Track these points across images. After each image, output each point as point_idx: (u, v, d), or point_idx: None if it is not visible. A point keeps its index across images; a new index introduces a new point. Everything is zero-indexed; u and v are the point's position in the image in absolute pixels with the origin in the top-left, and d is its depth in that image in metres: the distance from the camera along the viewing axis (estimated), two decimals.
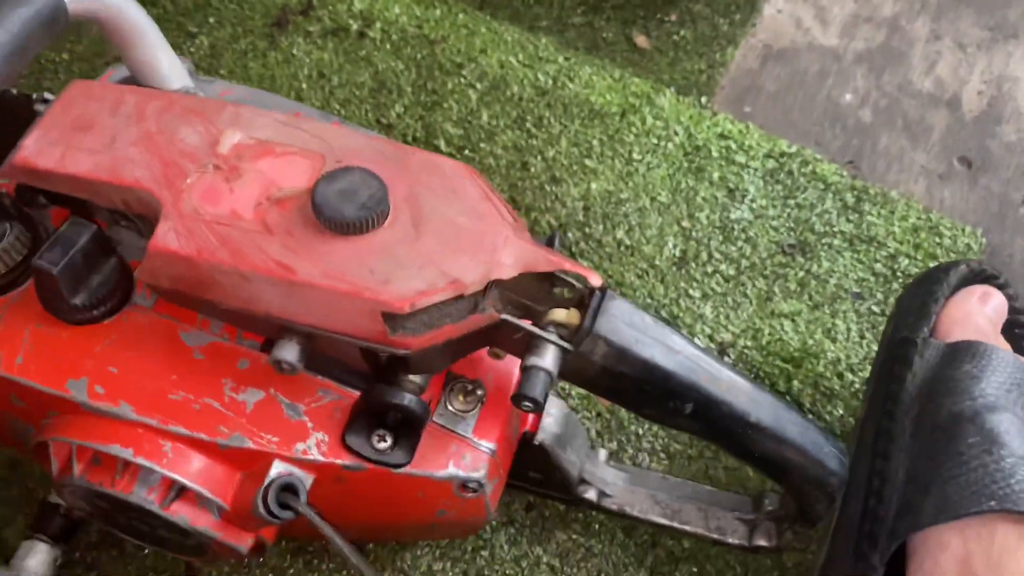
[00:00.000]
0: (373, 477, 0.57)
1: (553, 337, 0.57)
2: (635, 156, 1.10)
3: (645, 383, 0.60)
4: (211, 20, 1.22)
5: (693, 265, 1.01)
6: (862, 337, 0.97)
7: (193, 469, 0.55)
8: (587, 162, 1.09)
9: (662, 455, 0.89)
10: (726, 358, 0.95)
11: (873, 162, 1.13)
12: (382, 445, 0.57)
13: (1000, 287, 0.78)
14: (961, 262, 0.79)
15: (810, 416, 0.91)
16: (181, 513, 0.56)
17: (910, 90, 1.19)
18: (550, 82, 1.17)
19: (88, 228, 0.55)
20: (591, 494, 0.77)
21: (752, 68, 1.21)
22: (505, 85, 1.16)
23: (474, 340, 0.58)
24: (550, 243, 0.63)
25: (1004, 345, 0.74)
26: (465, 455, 0.59)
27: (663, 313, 0.98)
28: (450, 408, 0.61)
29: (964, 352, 0.70)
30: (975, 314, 0.74)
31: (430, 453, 0.58)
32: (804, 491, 0.68)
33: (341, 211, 0.53)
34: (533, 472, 0.74)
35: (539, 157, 1.10)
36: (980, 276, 0.78)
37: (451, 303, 0.55)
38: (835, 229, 1.05)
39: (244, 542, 0.59)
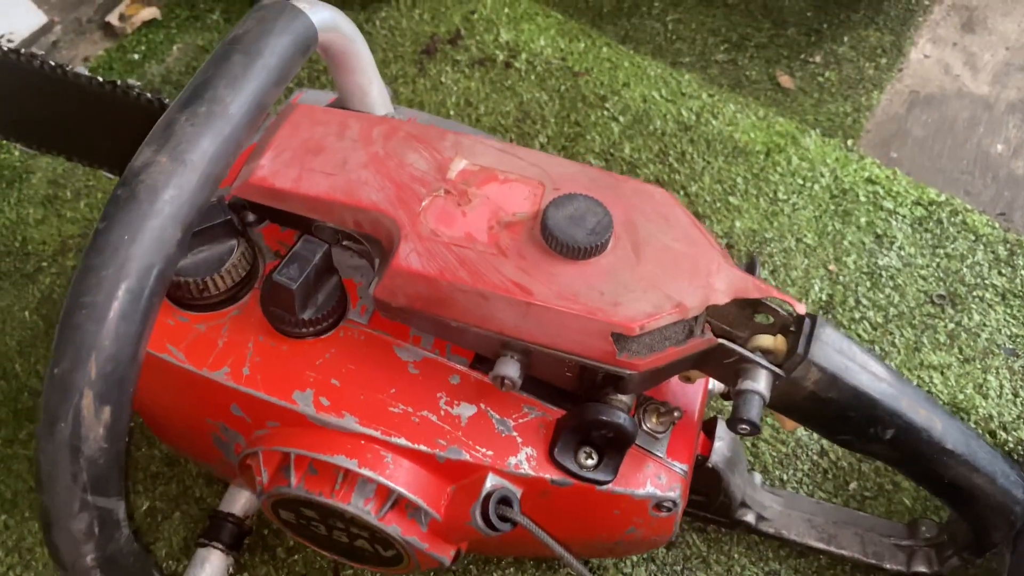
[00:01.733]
0: (576, 493, 0.58)
1: (765, 362, 0.58)
2: (780, 196, 1.10)
3: (851, 409, 0.61)
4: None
5: (840, 310, 1.00)
6: (1015, 395, 0.94)
7: (412, 480, 0.57)
8: (731, 199, 1.10)
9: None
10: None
11: None
12: (588, 462, 0.58)
13: None
14: None
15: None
16: (394, 523, 0.58)
17: None
18: (693, 118, 1.18)
19: (320, 247, 0.58)
20: (750, 517, 0.78)
21: (898, 113, 1.20)
22: (648, 119, 1.18)
23: (684, 363, 0.59)
24: (751, 269, 0.64)
25: None
26: (661, 475, 0.60)
27: None
28: (645, 428, 0.63)
29: None
30: None
31: (629, 472, 0.59)
32: (986, 518, 0.68)
33: (572, 236, 0.55)
34: (697, 495, 0.75)
35: (682, 192, 1.11)
36: None
37: (671, 326, 0.56)
38: (987, 282, 1.03)
39: (447, 552, 0.61)
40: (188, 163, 0.49)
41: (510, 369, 0.56)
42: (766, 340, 0.60)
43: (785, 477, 0.89)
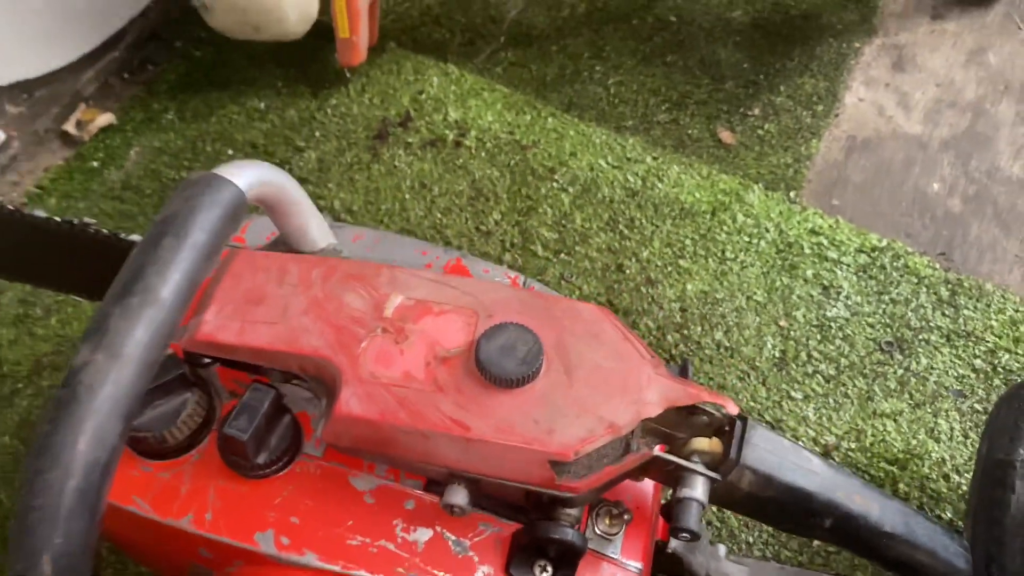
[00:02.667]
0: None
1: (702, 469, 0.61)
2: (728, 255, 1.13)
3: (788, 505, 0.64)
4: (317, 134, 1.30)
5: (793, 366, 1.04)
6: (966, 436, 0.98)
7: None
8: (681, 262, 1.13)
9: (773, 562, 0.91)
10: (831, 462, 0.97)
11: (965, 252, 1.14)
12: (544, 575, 0.61)
13: None
14: None
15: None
16: None
17: (999, 176, 1.21)
18: (639, 183, 1.22)
19: (268, 393, 0.61)
20: None
21: (837, 160, 1.24)
22: (596, 187, 1.22)
23: (625, 476, 0.63)
24: (683, 372, 0.67)
25: None
26: (616, 573, 0.63)
27: (767, 416, 1.01)
28: (597, 531, 0.66)
29: None
30: None
31: None
32: None
33: (504, 368, 0.58)
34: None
35: (633, 259, 1.15)
36: None
37: (607, 445, 0.60)
38: (931, 324, 1.07)
39: None
40: (124, 357, 0.52)
41: (459, 497, 0.59)
42: (702, 443, 0.64)
43: (751, 539, 0.92)
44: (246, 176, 0.66)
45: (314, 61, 1.38)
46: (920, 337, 1.05)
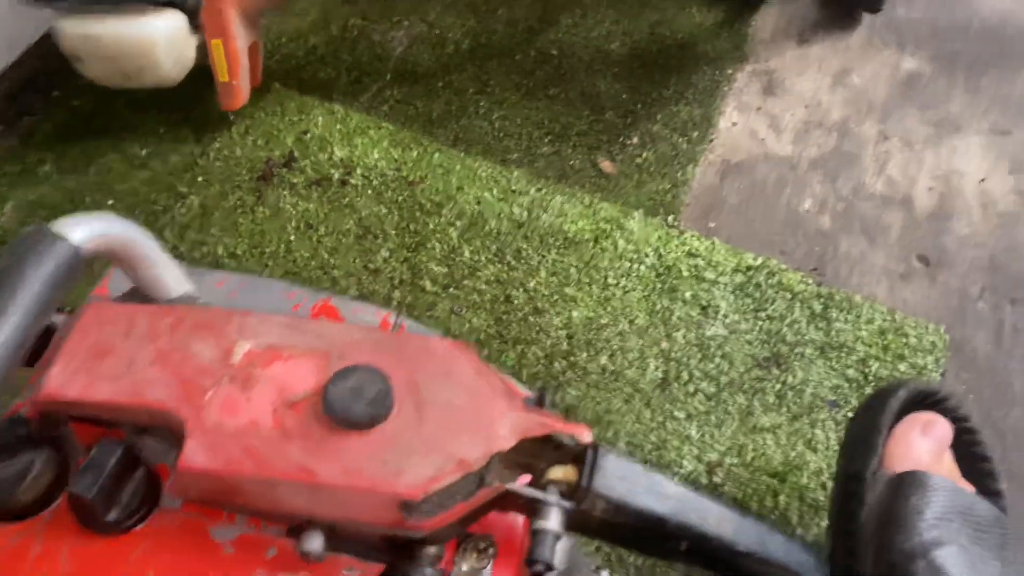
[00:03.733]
0: None
1: (555, 499, 0.62)
2: (611, 281, 1.16)
3: (642, 530, 0.65)
4: (200, 179, 1.29)
5: (675, 386, 1.06)
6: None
7: None
8: (566, 290, 1.15)
9: None
10: (715, 477, 0.99)
11: (836, 267, 1.19)
12: None
13: (944, 404, 0.83)
14: (902, 385, 0.83)
15: (798, 532, 0.95)
16: None
17: (864, 193, 1.27)
18: (525, 214, 1.24)
19: (116, 448, 0.60)
20: None
21: (713, 183, 1.29)
22: (483, 220, 1.23)
23: (483, 509, 0.63)
24: (540, 402, 0.69)
25: (944, 469, 0.79)
26: None
27: (652, 437, 1.03)
28: (464, 568, 0.65)
29: (908, 485, 0.74)
30: (916, 447, 0.79)
31: None
32: None
33: (352, 411, 0.58)
34: None
35: (521, 289, 1.16)
36: (923, 398, 0.83)
37: (458, 482, 0.60)
38: (806, 338, 1.11)
39: None
40: None
41: (314, 543, 0.59)
42: (558, 472, 0.64)
43: (639, 563, 0.94)
44: (81, 230, 0.65)
45: (196, 104, 1.37)
46: (796, 351, 1.09)
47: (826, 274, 1.19)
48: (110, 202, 1.27)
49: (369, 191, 1.27)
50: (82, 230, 0.65)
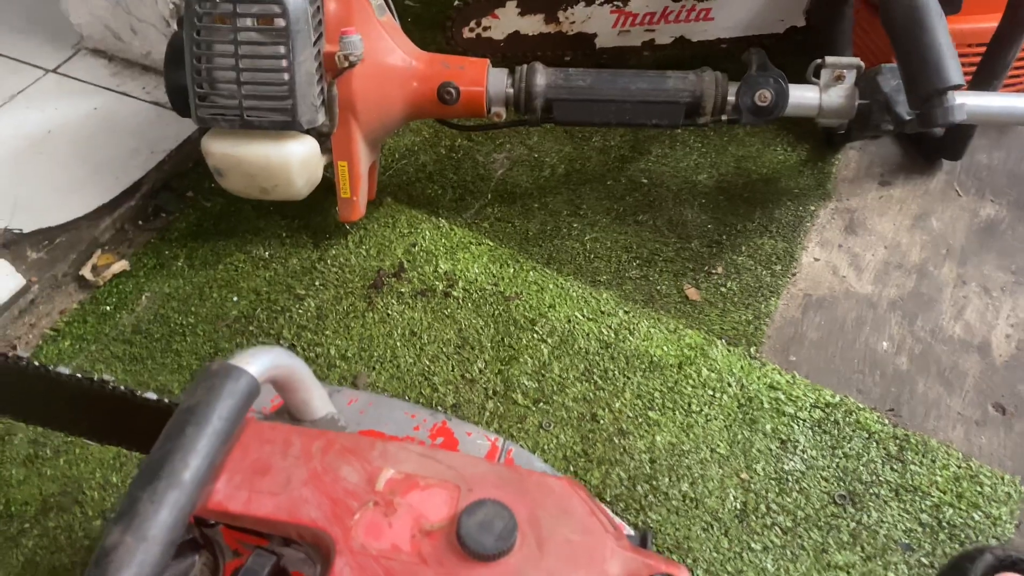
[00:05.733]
0: None
1: None
2: (694, 408, 1.23)
3: None
4: (317, 283, 1.41)
5: (753, 518, 1.11)
6: None
7: None
8: (650, 414, 1.22)
9: None
10: None
11: (912, 408, 1.24)
12: None
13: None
14: (986, 550, 0.88)
15: None
16: None
17: (942, 336, 1.32)
18: (612, 335, 1.32)
19: (269, 560, 0.69)
20: None
21: (795, 317, 1.35)
22: (572, 339, 1.32)
23: None
24: (643, 543, 0.75)
25: None
26: None
27: (728, 567, 1.08)
28: None
29: None
30: None
31: None
32: None
33: (482, 543, 0.65)
34: None
35: (606, 409, 1.24)
36: (1005, 564, 0.87)
37: None
38: (881, 479, 1.15)
39: None
40: (150, 539, 0.60)
41: None
42: None
43: None
44: (259, 363, 0.76)
45: (316, 213, 1.51)
46: (871, 491, 1.14)
47: (902, 415, 1.23)
48: (234, 298, 1.40)
49: (469, 303, 1.37)
50: (259, 364, 0.76)
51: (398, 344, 1.32)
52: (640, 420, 1.22)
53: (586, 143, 1.64)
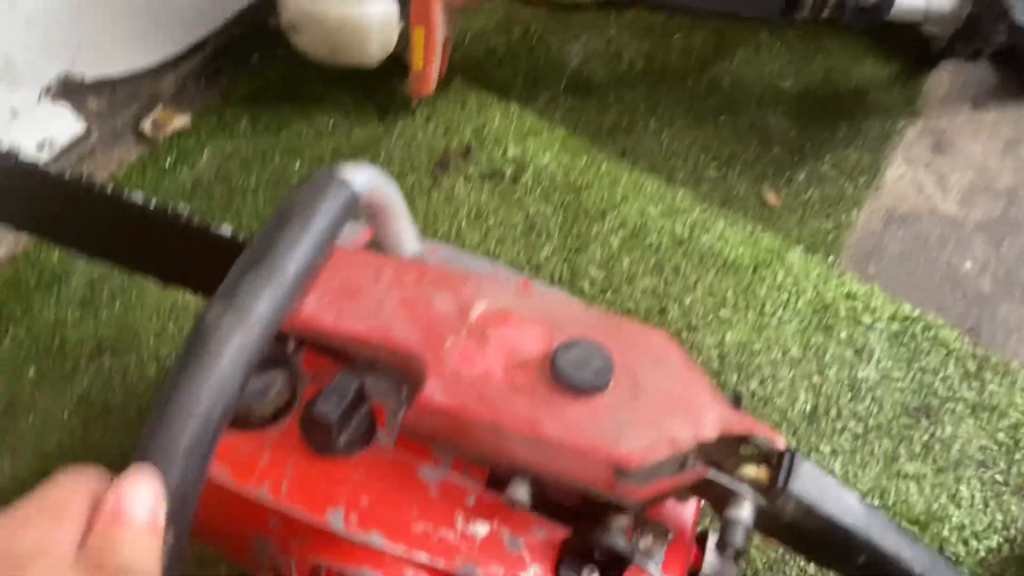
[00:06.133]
0: None
1: (750, 494, 0.65)
2: (767, 309, 1.19)
3: (827, 536, 0.68)
4: (381, 156, 1.37)
5: (823, 421, 1.08)
6: (986, 505, 1.02)
7: None
8: (722, 312, 1.18)
9: None
10: None
11: (993, 331, 1.19)
12: None
13: None
14: None
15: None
16: None
17: None
18: (687, 233, 1.27)
19: (355, 381, 0.66)
20: None
21: (876, 230, 1.30)
22: (644, 233, 1.27)
23: (678, 490, 0.67)
24: (736, 403, 0.72)
25: None
26: None
27: None
28: (640, 547, 0.69)
29: None
30: None
31: None
32: None
33: (577, 376, 0.62)
34: None
35: (676, 304, 1.20)
36: None
37: (668, 459, 0.64)
38: (958, 395, 1.11)
39: None
40: (250, 320, 0.56)
41: (521, 492, 0.63)
42: (751, 470, 0.68)
43: None
44: (361, 179, 0.72)
45: (382, 88, 1.45)
46: (946, 406, 1.10)
47: (982, 336, 1.19)
48: (297, 164, 1.36)
49: (538, 191, 1.32)
50: (361, 179, 0.72)
51: (463, 224, 1.29)
52: (711, 317, 1.18)
53: (667, 41, 1.57)
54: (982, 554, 0.98)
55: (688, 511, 0.75)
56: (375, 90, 1.45)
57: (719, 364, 1.13)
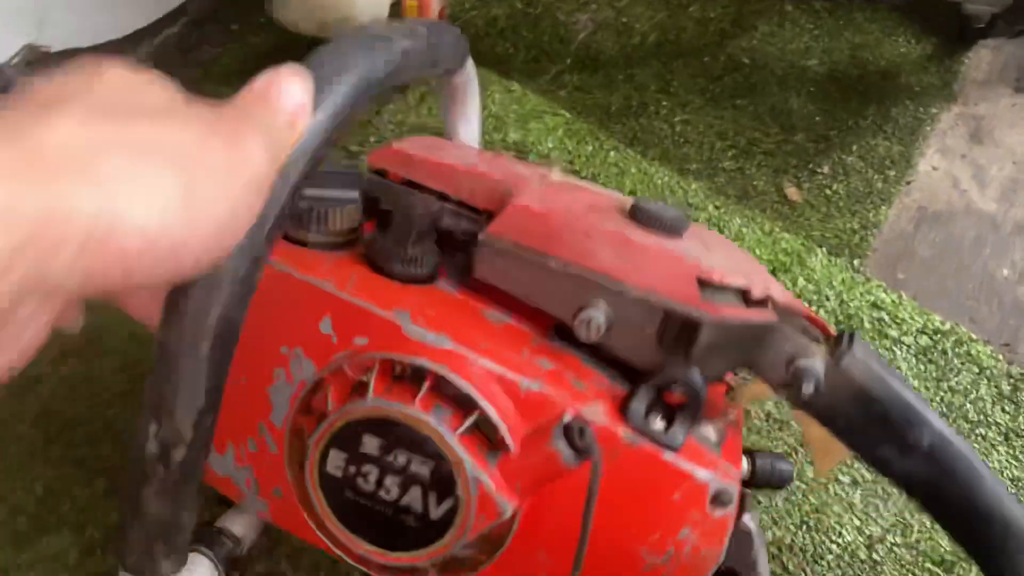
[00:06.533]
0: (642, 461, 0.59)
1: (821, 349, 0.61)
2: None
3: (892, 410, 0.62)
4: (371, 139, 1.26)
5: None
6: None
7: (495, 401, 0.58)
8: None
9: None
10: (874, 554, 0.93)
11: None
12: (658, 425, 0.59)
13: None
14: None
15: None
16: (468, 450, 0.58)
17: None
18: None
19: (429, 206, 0.63)
20: None
21: (906, 231, 1.20)
22: None
23: (745, 344, 0.62)
24: None
25: None
26: (719, 468, 0.61)
27: (811, 498, 0.97)
28: (701, 432, 0.64)
29: None
30: None
31: (691, 455, 0.60)
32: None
33: (660, 218, 0.62)
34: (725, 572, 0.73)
35: None
36: None
37: (739, 295, 0.61)
38: (990, 419, 1.02)
39: (512, 500, 0.60)
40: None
41: (598, 312, 0.60)
42: (814, 347, 0.65)
43: None
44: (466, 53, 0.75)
45: None
46: (977, 431, 1.01)
47: (1019, 352, 1.10)
48: None
49: None
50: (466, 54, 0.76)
51: None
52: None
53: (682, 11, 1.44)
54: None
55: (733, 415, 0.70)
56: None
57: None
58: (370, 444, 0.61)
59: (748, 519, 0.69)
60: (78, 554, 0.89)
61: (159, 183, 0.31)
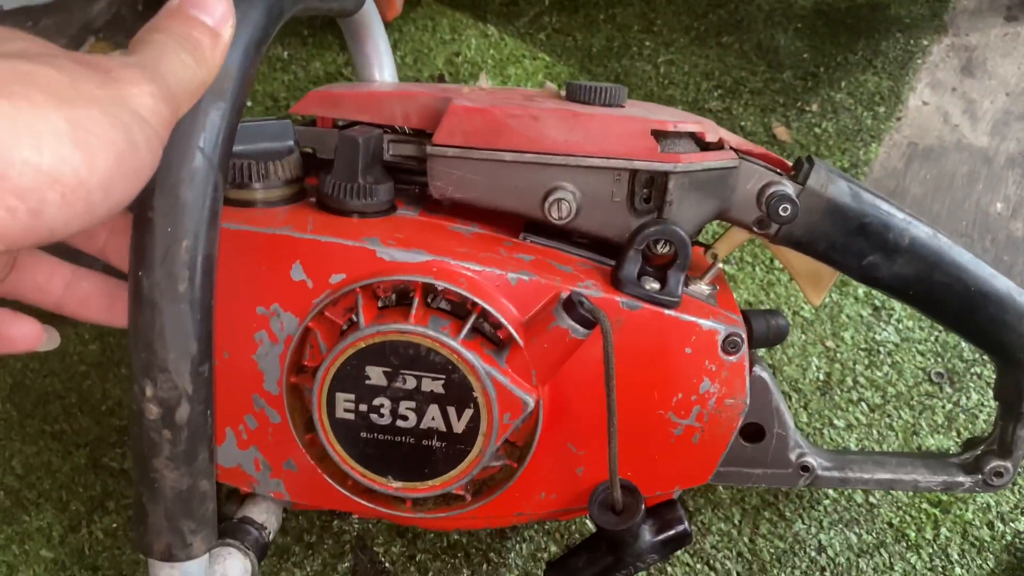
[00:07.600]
0: (646, 322, 0.59)
1: (785, 178, 0.65)
2: (776, 264, 1.07)
3: (867, 216, 0.65)
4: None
5: (837, 391, 0.98)
6: (1014, 483, 0.93)
7: (489, 298, 0.58)
8: (726, 268, 1.07)
9: None
10: (871, 497, 0.92)
11: None
12: (652, 286, 0.60)
13: None
14: None
15: (958, 572, 0.88)
16: (475, 352, 0.57)
17: None
18: None
19: (364, 138, 0.61)
20: (810, 459, 0.73)
21: (896, 168, 1.17)
22: None
23: (712, 194, 0.64)
24: None
25: None
26: (721, 315, 0.62)
27: None
28: (694, 290, 0.66)
29: None
30: None
31: (691, 310, 0.61)
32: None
33: (598, 87, 0.62)
34: (747, 434, 0.72)
35: None
36: None
37: (695, 143, 0.62)
38: (984, 358, 1.01)
39: (530, 391, 0.59)
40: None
41: (565, 192, 0.60)
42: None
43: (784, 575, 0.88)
44: None
45: None
46: (972, 371, 1.00)
47: None
48: (248, 104, 1.21)
49: None
50: None
51: None
52: None
53: None
54: (1008, 538, 0.90)
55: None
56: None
57: None
58: (375, 375, 0.58)
59: (759, 370, 0.68)
60: (62, 529, 0.87)
61: (41, 117, 0.30)
